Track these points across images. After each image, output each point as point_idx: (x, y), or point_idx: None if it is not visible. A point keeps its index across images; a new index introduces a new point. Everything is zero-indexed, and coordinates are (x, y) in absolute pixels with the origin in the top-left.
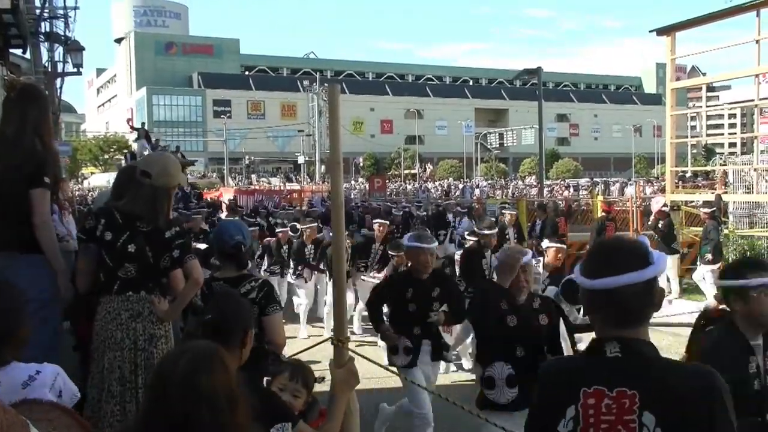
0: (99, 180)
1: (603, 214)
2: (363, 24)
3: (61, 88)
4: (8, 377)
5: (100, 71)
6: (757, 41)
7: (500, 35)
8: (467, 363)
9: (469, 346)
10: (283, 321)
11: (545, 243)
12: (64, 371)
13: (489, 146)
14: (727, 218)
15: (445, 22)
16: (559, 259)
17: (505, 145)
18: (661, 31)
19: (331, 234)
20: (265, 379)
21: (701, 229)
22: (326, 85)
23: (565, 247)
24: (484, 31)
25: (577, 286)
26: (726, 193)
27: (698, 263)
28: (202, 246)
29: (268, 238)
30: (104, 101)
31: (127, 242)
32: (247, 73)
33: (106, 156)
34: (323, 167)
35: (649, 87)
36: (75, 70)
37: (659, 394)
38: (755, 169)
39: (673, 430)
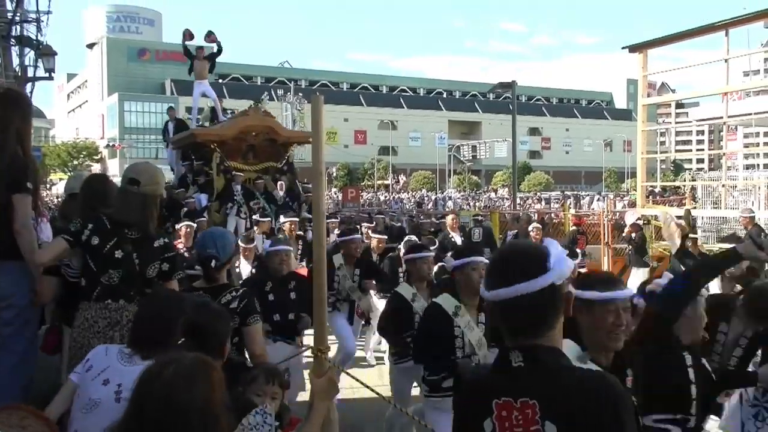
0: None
1: (574, 227)
2: (338, 35)
3: (31, 93)
4: None
5: (70, 76)
6: (726, 60)
7: (475, 49)
8: None
9: None
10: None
11: None
12: None
13: (462, 158)
14: (696, 233)
15: (420, 34)
16: None
17: (478, 157)
18: (634, 48)
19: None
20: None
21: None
22: (300, 94)
23: None
24: (459, 44)
25: None
26: (695, 208)
27: None
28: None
29: None
30: (74, 107)
31: (114, 248)
32: (220, 81)
33: (76, 162)
34: None
35: (620, 102)
36: (47, 74)
37: (559, 404)
38: (723, 185)
39: None
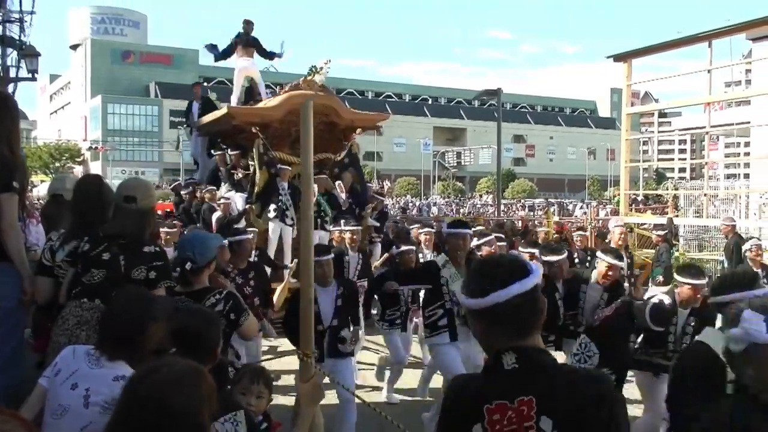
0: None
1: (556, 234)
2: (325, 39)
3: (14, 93)
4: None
5: (53, 77)
6: (709, 71)
7: (462, 56)
8: None
9: None
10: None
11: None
12: None
13: (447, 165)
14: (678, 241)
15: (409, 40)
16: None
17: (463, 164)
18: (618, 58)
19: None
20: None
21: (652, 251)
22: None
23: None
24: (447, 51)
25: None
26: (677, 216)
27: (650, 284)
28: None
29: None
30: (57, 108)
31: (102, 251)
32: (205, 84)
33: (57, 164)
34: None
35: (604, 111)
36: (29, 75)
37: (555, 399)
38: (705, 194)
39: None
